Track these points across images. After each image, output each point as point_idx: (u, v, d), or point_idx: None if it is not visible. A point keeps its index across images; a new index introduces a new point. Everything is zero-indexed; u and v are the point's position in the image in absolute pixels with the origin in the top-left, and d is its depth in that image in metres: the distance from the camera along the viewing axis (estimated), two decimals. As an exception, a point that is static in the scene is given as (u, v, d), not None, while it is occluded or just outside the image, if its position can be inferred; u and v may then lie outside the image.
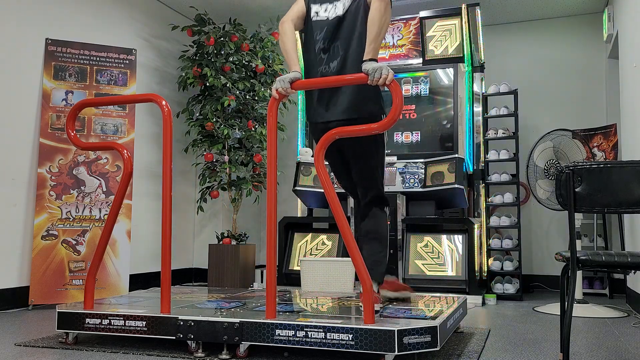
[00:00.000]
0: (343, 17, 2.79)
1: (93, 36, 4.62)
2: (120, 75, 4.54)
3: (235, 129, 5.09)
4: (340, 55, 2.77)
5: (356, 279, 3.67)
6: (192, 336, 2.49)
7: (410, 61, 5.14)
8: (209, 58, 5.07)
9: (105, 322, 2.65)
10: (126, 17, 4.99)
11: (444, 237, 4.49)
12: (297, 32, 2.96)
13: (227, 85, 4.99)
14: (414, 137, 4.91)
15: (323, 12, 2.85)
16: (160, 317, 2.55)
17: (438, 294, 3.53)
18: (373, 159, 2.87)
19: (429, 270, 4.40)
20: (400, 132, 4.94)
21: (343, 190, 3.62)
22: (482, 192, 4.79)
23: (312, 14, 2.87)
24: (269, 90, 5.24)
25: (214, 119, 5.01)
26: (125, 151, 2.92)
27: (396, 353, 2.18)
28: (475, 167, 4.79)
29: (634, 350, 2.73)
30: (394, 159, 4.81)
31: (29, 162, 4.10)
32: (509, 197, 4.85)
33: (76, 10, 4.51)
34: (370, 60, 2.53)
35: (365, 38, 2.62)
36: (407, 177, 4.67)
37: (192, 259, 5.83)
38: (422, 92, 4.95)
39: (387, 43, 5.20)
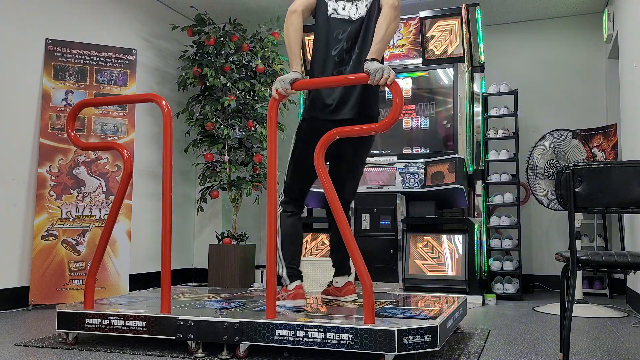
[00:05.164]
0: (365, 17, 2.80)
1: (93, 36, 4.62)
2: (120, 75, 4.54)
3: (235, 129, 5.09)
4: (356, 54, 2.77)
5: (356, 279, 3.66)
6: (192, 336, 2.49)
7: (410, 61, 5.13)
8: (209, 58, 5.07)
9: (105, 322, 2.65)
10: (126, 17, 4.99)
11: (444, 237, 4.48)
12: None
13: (227, 85, 4.99)
14: (414, 137, 4.90)
15: (342, 10, 2.82)
16: (160, 317, 2.55)
17: (438, 294, 3.53)
18: (364, 161, 3.02)
19: (429, 270, 4.40)
20: (400, 132, 4.94)
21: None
22: (482, 192, 4.78)
23: (330, 10, 2.82)
24: (269, 90, 5.24)
25: (214, 119, 5.01)
26: (125, 151, 2.92)
27: (396, 353, 2.18)
28: (475, 167, 4.79)
29: (634, 350, 2.73)
30: (394, 159, 4.81)
31: (29, 162, 4.10)
32: (509, 197, 4.85)
33: (76, 10, 4.51)
34: (373, 60, 2.52)
35: None
36: (407, 177, 4.67)
37: (192, 259, 5.83)
38: (422, 93, 4.95)
39: (387, 43, 5.19)
